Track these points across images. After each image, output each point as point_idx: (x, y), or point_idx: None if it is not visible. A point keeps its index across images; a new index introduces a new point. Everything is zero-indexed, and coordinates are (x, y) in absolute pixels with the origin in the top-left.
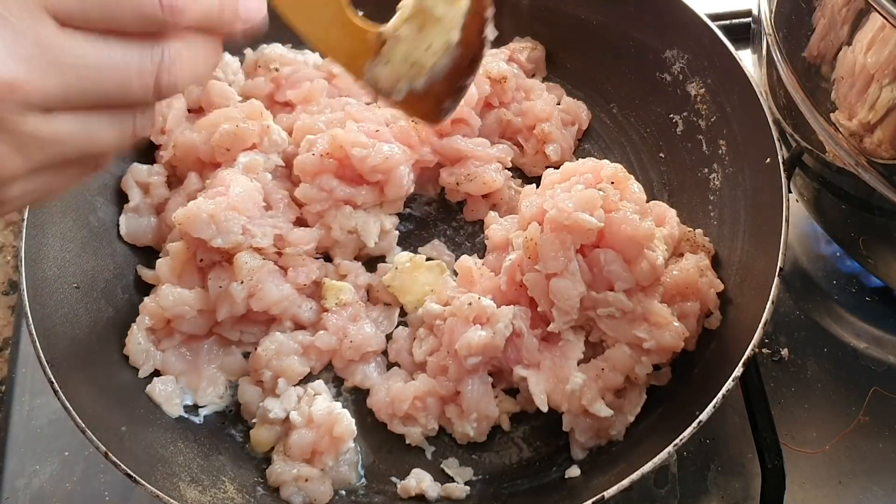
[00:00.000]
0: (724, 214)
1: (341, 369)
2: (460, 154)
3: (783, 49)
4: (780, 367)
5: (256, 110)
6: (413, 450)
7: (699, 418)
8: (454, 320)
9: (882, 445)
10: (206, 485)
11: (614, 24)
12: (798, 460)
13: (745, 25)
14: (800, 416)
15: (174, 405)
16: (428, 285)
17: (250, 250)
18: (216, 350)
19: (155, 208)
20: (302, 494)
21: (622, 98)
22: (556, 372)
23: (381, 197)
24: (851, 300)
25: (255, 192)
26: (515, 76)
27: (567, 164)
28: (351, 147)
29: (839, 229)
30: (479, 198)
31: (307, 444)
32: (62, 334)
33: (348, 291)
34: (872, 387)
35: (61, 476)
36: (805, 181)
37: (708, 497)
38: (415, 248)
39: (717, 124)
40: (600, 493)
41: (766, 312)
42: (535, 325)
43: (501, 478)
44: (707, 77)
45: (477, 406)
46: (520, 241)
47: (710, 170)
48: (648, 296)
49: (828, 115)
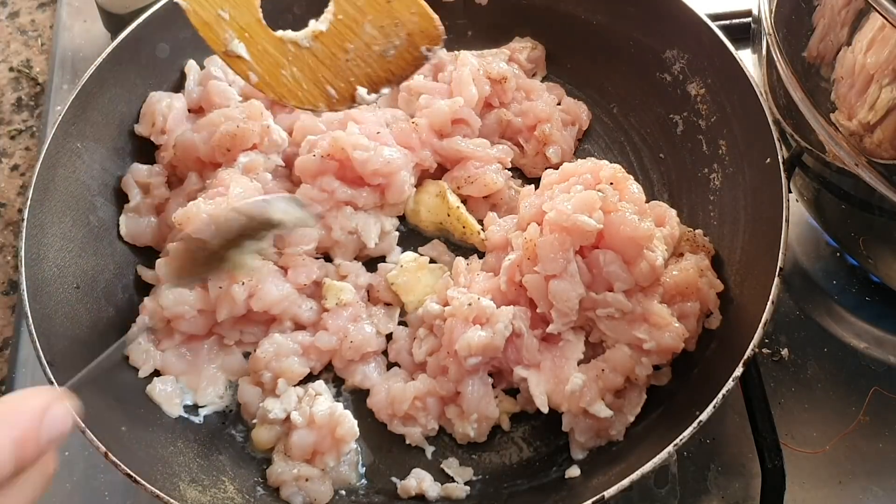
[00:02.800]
0: (724, 214)
1: (341, 369)
2: (460, 155)
3: (783, 49)
4: (780, 367)
5: (256, 110)
6: (413, 450)
7: (699, 418)
8: (454, 320)
9: (882, 445)
10: (206, 485)
11: (614, 24)
12: (798, 460)
13: (745, 25)
14: (800, 416)
15: (174, 405)
16: (429, 286)
17: None
18: (216, 350)
19: (155, 208)
20: (302, 494)
21: (622, 98)
22: (556, 372)
23: (381, 199)
24: (851, 300)
25: (255, 192)
26: (515, 76)
27: (566, 164)
28: (352, 149)
29: (839, 229)
30: (479, 198)
31: (308, 444)
32: (62, 334)
33: (348, 292)
34: (873, 387)
35: (61, 476)
36: (805, 181)
37: (708, 497)
38: (414, 248)
39: (717, 124)
40: (600, 493)
41: (766, 312)
42: (534, 326)
43: (501, 478)
44: (707, 77)
45: (477, 406)
46: (519, 242)
47: (710, 170)
48: (648, 296)
49: (828, 115)
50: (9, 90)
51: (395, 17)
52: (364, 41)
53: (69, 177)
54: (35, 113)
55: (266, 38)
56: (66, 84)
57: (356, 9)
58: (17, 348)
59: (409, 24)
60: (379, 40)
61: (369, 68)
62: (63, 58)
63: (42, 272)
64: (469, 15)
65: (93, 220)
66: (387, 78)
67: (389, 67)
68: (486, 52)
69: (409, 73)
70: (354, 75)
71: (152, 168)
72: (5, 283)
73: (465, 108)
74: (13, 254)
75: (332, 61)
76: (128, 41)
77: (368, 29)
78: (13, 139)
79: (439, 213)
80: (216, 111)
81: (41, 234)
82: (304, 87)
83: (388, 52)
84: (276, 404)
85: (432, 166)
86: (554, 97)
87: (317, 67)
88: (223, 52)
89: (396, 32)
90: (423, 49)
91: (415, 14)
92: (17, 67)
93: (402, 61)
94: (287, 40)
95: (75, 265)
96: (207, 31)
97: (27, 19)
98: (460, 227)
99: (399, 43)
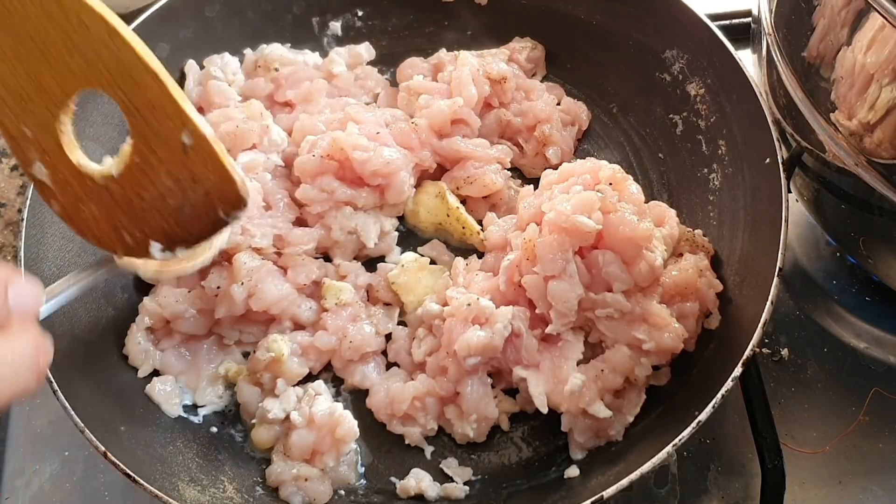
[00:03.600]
0: (724, 214)
1: (340, 369)
2: (460, 155)
3: (783, 49)
4: (780, 367)
5: (256, 110)
6: (412, 450)
7: (698, 418)
8: (453, 321)
9: (882, 445)
10: (205, 484)
11: (614, 24)
12: (798, 460)
13: (745, 25)
14: (800, 416)
15: (173, 405)
16: (430, 287)
17: (249, 250)
18: (216, 350)
19: None
20: (301, 494)
21: (622, 98)
22: (555, 373)
23: (381, 200)
24: (851, 300)
25: (255, 192)
26: (515, 76)
27: (565, 164)
28: (352, 150)
29: (839, 229)
30: (478, 198)
31: (308, 444)
32: (62, 334)
33: (348, 292)
34: (873, 387)
35: (61, 476)
36: (805, 181)
37: (708, 497)
38: (414, 248)
39: (717, 124)
40: (599, 492)
41: (766, 312)
42: (534, 326)
43: (500, 478)
44: (707, 77)
45: (476, 407)
46: (518, 242)
47: (709, 170)
48: (647, 296)
49: (828, 115)
50: None
51: (192, 171)
52: (160, 191)
53: None
54: None
55: (67, 167)
56: None
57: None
58: None
59: (206, 181)
60: (175, 194)
61: (165, 223)
62: None
63: (42, 272)
64: (469, 15)
65: None
66: (182, 236)
67: (185, 225)
68: (486, 52)
69: (207, 234)
70: (149, 227)
71: None
72: None
73: (465, 109)
74: (13, 254)
75: (128, 206)
76: None
77: (164, 179)
78: None
79: (438, 213)
80: (216, 111)
81: (41, 234)
82: (102, 227)
83: (184, 209)
84: (276, 404)
85: (432, 166)
86: (554, 97)
87: (112, 210)
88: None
89: (193, 188)
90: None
91: (212, 172)
92: None
93: (198, 221)
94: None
95: (75, 265)
96: (13, 145)
97: None
98: (459, 228)
99: (196, 201)
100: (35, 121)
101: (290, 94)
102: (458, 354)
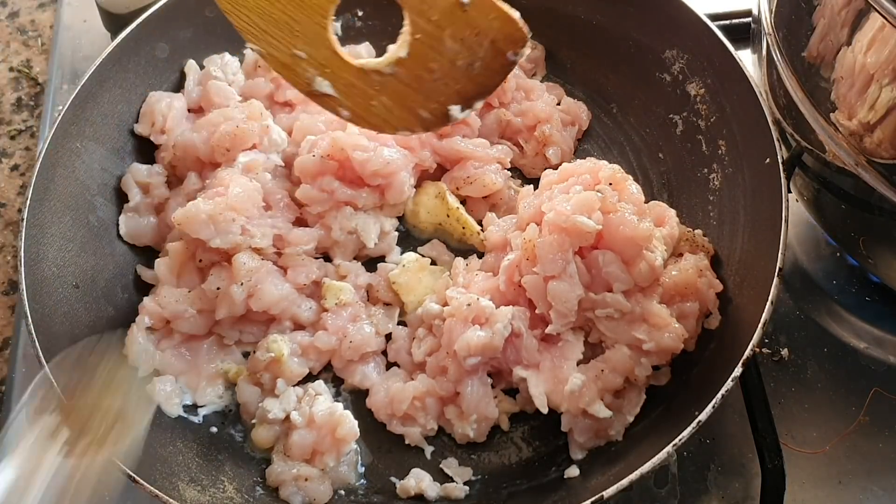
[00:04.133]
0: (724, 214)
1: (340, 369)
2: (460, 155)
3: (783, 49)
4: (780, 367)
5: (256, 110)
6: (412, 450)
7: (698, 418)
8: (453, 320)
9: (882, 446)
10: (205, 484)
11: (614, 24)
12: (798, 460)
13: (745, 25)
14: (800, 416)
15: (173, 405)
16: (430, 287)
17: (249, 251)
18: (216, 350)
19: (155, 208)
20: (301, 494)
21: (622, 98)
22: (555, 373)
23: (381, 200)
24: (851, 300)
25: (255, 192)
26: (515, 76)
27: (565, 164)
28: (352, 150)
29: (839, 229)
30: (478, 198)
31: (308, 444)
32: (62, 334)
33: (348, 292)
34: (873, 387)
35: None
36: (805, 181)
37: (708, 497)
38: (414, 248)
39: (717, 124)
40: (599, 493)
41: (766, 312)
42: (534, 326)
43: (500, 478)
44: (707, 77)
45: (476, 407)
46: (518, 242)
47: (709, 170)
48: (647, 296)
49: (828, 115)
50: (9, 90)
51: (475, 26)
52: (447, 58)
53: (69, 177)
54: (35, 113)
55: (348, 70)
56: (66, 84)
57: (432, 24)
58: (16, 348)
59: (490, 31)
60: (462, 54)
61: (458, 84)
62: (63, 58)
63: (41, 272)
64: None
65: (92, 219)
66: (478, 91)
67: (478, 80)
68: None
69: (499, 81)
70: (444, 94)
71: (152, 168)
72: (5, 283)
73: None
74: (13, 254)
75: (420, 84)
76: (128, 41)
77: (449, 44)
78: (13, 139)
79: (439, 214)
80: (216, 111)
81: (41, 234)
82: (396, 114)
83: (474, 65)
84: (276, 404)
85: (432, 167)
86: (554, 97)
87: (405, 93)
88: (308, 92)
89: (479, 42)
90: (508, 55)
91: (495, 19)
92: (17, 67)
93: (489, 71)
94: (369, 70)
95: (75, 265)
96: (287, 73)
97: (27, 19)
98: (459, 228)
99: (483, 53)
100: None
101: (290, 95)
102: (458, 354)
